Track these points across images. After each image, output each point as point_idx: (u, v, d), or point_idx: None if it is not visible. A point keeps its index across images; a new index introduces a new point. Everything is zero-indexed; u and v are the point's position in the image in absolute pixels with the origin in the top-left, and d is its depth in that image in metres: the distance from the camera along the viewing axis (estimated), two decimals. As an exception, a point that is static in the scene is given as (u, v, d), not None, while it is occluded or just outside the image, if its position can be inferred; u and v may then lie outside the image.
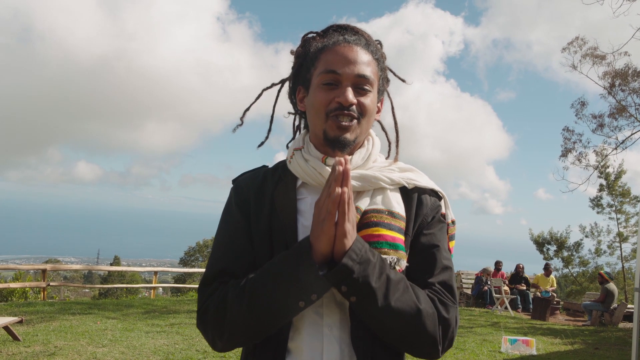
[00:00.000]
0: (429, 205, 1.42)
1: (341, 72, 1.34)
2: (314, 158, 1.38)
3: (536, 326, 11.99)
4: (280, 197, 1.39)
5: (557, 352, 8.61)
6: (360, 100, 1.35)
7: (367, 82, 1.36)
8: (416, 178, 1.43)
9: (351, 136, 1.35)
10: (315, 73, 1.38)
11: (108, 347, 7.09)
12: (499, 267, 16.41)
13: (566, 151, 19.58)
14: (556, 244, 26.35)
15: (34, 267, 14.60)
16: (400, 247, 1.31)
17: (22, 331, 7.77)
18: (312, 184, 1.38)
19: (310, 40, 1.46)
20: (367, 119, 1.38)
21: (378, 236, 1.30)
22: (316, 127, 1.38)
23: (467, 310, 14.98)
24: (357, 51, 1.36)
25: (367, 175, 1.36)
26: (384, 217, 1.32)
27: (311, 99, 1.39)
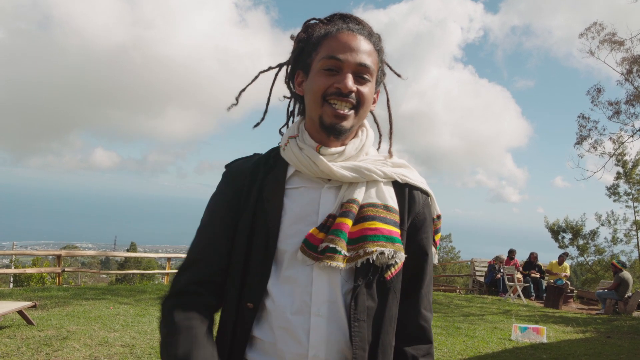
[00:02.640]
0: (421, 202, 1.45)
1: (343, 59, 1.35)
2: (308, 147, 1.39)
3: (548, 314, 11.93)
4: (270, 184, 1.40)
5: (567, 340, 8.56)
6: (359, 89, 1.36)
7: (368, 72, 1.37)
8: (408, 174, 1.46)
9: (347, 124, 1.37)
10: (317, 58, 1.39)
11: (119, 332, 7.18)
12: (512, 255, 16.31)
13: (581, 139, 19.37)
14: (571, 232, 26.13)
15: (49, 252, 14.78)
16: (397, 240, 1.34)
17: (36, 316, 7.89)
18: (306, 172, 1.39)
19: (313, 26, 1.47)
20: (364, 108, 1.39)
21: (375, 229, 1.32)
22: (312, 112, 1.39)
23: (479, 298, 14.95)
24: (359, 40, 1.37)
25: (360, 167, 1.38)
26: (379, 211, 1.35)
27: (310, 83, 1.40)
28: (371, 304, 1.33)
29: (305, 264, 1.31)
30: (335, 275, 1.32)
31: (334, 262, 1.28)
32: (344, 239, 1.30)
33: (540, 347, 7.83)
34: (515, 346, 7.85)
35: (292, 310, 1.31)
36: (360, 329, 1.29)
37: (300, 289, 1.32)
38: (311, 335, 1.29)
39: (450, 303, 13.00)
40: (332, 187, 1.39)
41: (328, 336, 1.30)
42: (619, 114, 18.94)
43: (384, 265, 1.33)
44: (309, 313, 1.30)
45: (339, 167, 1.37)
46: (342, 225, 1.31)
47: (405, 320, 1.42)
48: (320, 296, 1.31)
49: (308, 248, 1.30)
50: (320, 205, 1.37)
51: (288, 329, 1.30)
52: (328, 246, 1.28)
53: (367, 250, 1.29)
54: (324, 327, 1.30)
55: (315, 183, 1.40)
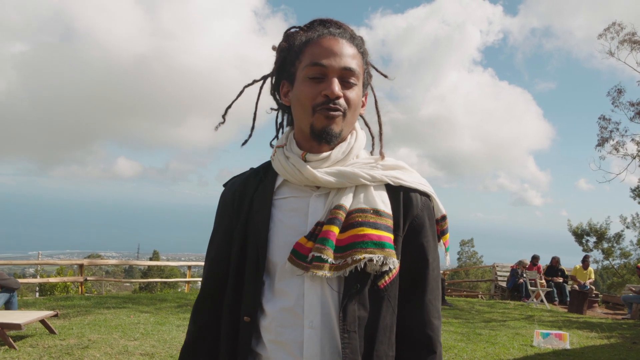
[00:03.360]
0: (419, 205, 1.39)
1: (327, 65, 1.32)
2: (294, 155, 1.37)
3: (572, 320, 11.74)
4: (259, 196, 1.40)
5: (591, 347, 8.41)
6: (346, 94, 1.33)
7: (353, 75, 1.34)
8: (401, 176, 1.39)
9: (337, 128, 1.33)
10: (300, 66, 1.36)
11: (139, 341, 7.24)
12: (536, 261, 16.05)
13: (603, 140, 19.09)
14: (596, 236, 25.72)
15: (72, 262, 14.97)
16: (388, 246, 1.28)
17: (58, 324, 7.99)
18: (292, 181, 1.37)
19: (293, 35, 1.44)
20: (352, 112, 1.36)
21: (363, 236, 1.27)
22: (302, 122, 1.36)
23: (501, 303, 14.77)
24: (342, 44, 1.35)
25: (344, 172, 1.34)
26: (368, 217, 1.30)
27: (296, 92, 1.37)
28: (363, 313, 1.28)
29: (295, 274, 1.29)
30: (326, 286, 1.29)
31: (320, 271, 1.24)
32: (330, 247, 1.26)
33: (563, 353, 7.71)
34: (537, 352, 7.73)
35: (284, 323, 1.30)
36: (350, 340, 1.25)
37: (293, 301, 1.29)
38: (305, 348, 1.27)
39: (472, 309, 12.86)
40: (321, 194, 1.36)
41: (322, 349, 1.27)
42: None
43: (377, 273, 1.29)
44: (301, 326, 1.28)
45: (323, 172, 1.33)
46: (328, 233, 1.27)
47: (409, 329, 1.35)
48: (313, 308, 1.28)
49: (297, 258, 1.28)
50: (309, 214, 1.35)
51: (281, 342, 1.30)
52: (314, 255, 1.25)
53: (354, 258, 1.25)
54: (317, 339, 1.27)
55: (303, 192, 1.38)
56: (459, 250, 56.03)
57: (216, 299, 1.43)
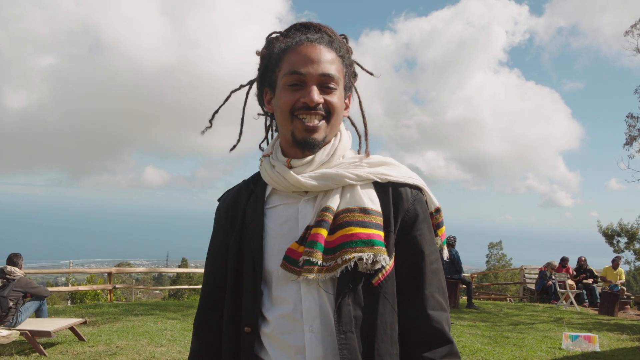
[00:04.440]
0: (410, 199, 1.37)
1: (305, 73, 1.32)
2: (279, 163, 1.38)
3: (603, 322, 11.52)
4: (251, 207, 1.41)
5: (622, 349, 8.25)
6: (327, 99, 1.34)
7: (332, 81, 1.34)
8: (389, 172, 1.38)
9: (319, 136, 1.35)
10: (280, 75, 1.37)
11: (166, 347, 7.33)
12: (565, 263, 15.79)
13: (631, 139, 18.70)
14: (627, 236, 25.19)
15: (101, 270, 15.25)
16: (378, 243, 1.27)
17: (87, 332, 8.14)
18: (280, 188, 1.38)
19: (273, 41, 1.45)
20: (335, 117, 1.36)
21: (351, 235, 1.26)
22: (284, 128, 1.38)
23: (530, 305, 14.57)
24: (320, 50, 1.35)
25: (328, 174, 1.34)
26: (356, 216, 1.29)
27: (277, 100, 1.38)
28: (359, 313, 1.27)
29: (289, 280, 1.30)
30: (322, 289, 1.29)
31: (311, 274, 1.24)
32: (319, 250, 1.26)
33: (593, 356, 7.59)
34: (566, 355, 7.62)
35: (285, 329, 1.30)
36: (348, 341, 1.24)
37: (291, 308, 1.30)
38: (307, 352, 1.27)
39: (500, 312, 12.71)
40: (309, 199, 1.37)
41: (324, 352, 1.27)
42: (670, 112, 18.23)
43: (370, 271, 1.28)
44: (302, 330, 1.28)
45: (307, 177, 1.33)
46: (316, 235, 1.27)
47: (414, 325, 1.32)
48: (311, 312, 1.28)
49: (290, 263, 1.28)
50: (299, 220, 1.35)
51: (284, 348, 1.31)
52: (304, 259, 1.26)
53: (344, 258, 1.25)
54: (318, 343, 1.27)
55: (292, 198, 1.39)
56: (488, 253, 55.39)
57: (216, 312, 1.46)
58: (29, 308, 7.50)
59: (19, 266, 7.59)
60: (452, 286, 12.89)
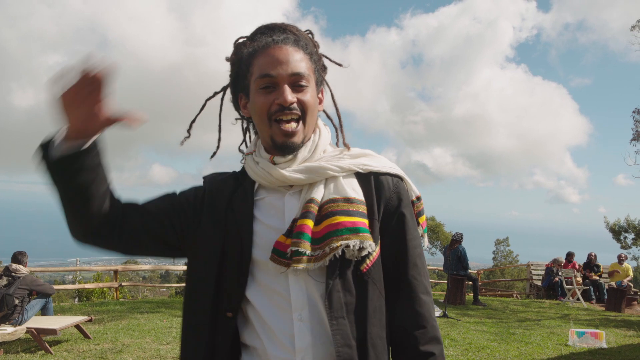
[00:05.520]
0: (391, 187, 1.42)
1: (275, 74, 1.36)
2: (263, 159, 1.42)
3: (610, 318, 11.48)
4: (239, 198, 1.43)
5: (629, 345, 8.21)
6: (300, 98, 1.37)
7: (303, 78, 1.38)
8: (369, 162, 1.43)
9: (298, 139, 1.38)
10: (252, 79, 1.40)
11: (172, 344, 7.34)
12: (571, 258, 15.74)
13: (637, 134, 18.59)
14: (634, 232, 25.08)
15: (107, 268, 15.28)
16: (363, 230, 1.31)
17: (93, 329, 8.16)
18: (265, 184, 1.42)
19: (241, 46, 1.49)
20: (310, 114, 1.40)
21: (337, 224, 1.31)
22: (263, 132, 1.41)
23: (537, 302, 14.51)
24: (287, 50, 1.38)
25: (312, 167, 1.38)
26: (340, 205, 1.33)
27: (252, 104, 1.41)
28: (350, 299, 1.31)
29: (279, 272, 1.32)
30: (309, 278, 1.32)
31: (300, 264, 1.28)
32: (307, 240, 1.29)
33: (599, 352, 7.55)
34: (572, 352, 7.59)
35: (274, 317, 1.32)
36: (340, 327, 1.28)
37: (279, 296, 1.33)
38: (296, 340, 1.30)
39: (506, 308, 12.67)
40: (294, 192, 1.41)
41: (314, 340, 1.30)
42: (677, 107, 18.09)
43: (358, 258, 1.32)
44: (291, 319, 1.31)
45: (291, 171, 1.37)
46: (303, 227, 1.31)
47: (399, 309, 1.38)
48: (299, 301, 1.32)
49: (278, 256, 1.31)
50: (285, 213, 1.39)
51: (273, 336, 1.32)
52: (292, 250, 1.29)
53: (332, 247, 1.28)
54: (307, 331, 1.30)
55: (278, 192, 1.42)
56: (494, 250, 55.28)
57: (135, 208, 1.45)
58: (35, 306, 7.52)
59: (23, 264, 7.61)
60: (458, 283, 12.86)
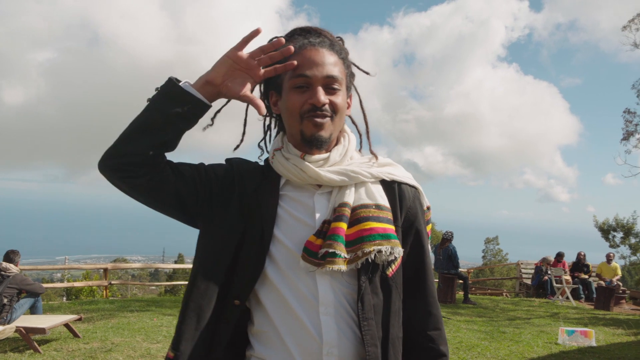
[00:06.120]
0: (411, 197, 1.52)
1: (311, 75, 1.40)
2: (293, 156, 1.45)
3: (598, 316, 11.55)
4: (264, 192, 1.46)
5: (618, 344, 8.27)
6: (332, 99, 1.42)
7: (336, 81, 1.43)
8: (394, 172, 1.52)
9: (326, 133, 1.43)
10: (286, 78, 1.45)
11: (162, 343, 7.30)
12: (560, 259, 15.83)
13: (628, 134, 18.73)
14: (622, 231, 25.27)
15: (96, 266, 15.20)
16: (393, 236, 1.40)
17: (82, 328, 8.10)
18: (295, 180, 1.45)
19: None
20: (339, 116, 1.45)
21: (370, 230, 1.38)
22: (292, 129, 1.46)
23: (526, 300, 14.58)
24: (323, 53, 1.43)
25: (347, 170, 1.44)
26: (372, 211, 1.40)
27: (285, 102, 1.45)
28: (377, 301, 1.40)
29: (308, 271, 1.37)
30: (337, 278, 1.38)
31: (335, 265, 1.33)
32: (342, 243, 1.35)
33: (589, 350, 7.59)
34: (562, 350, 7.62)
35: (302, 310, 1.37)
36: (369, 327, 1.36)
37: (305, 291, 1.37)
38: (324, 333, 1.35)
39: (496, 307, 12.72)
40: (323, 192, 1.46)
41: (339, 334, 1.36)
42: (667, 107, 18.23)
43: (385, 263, 1.40)
44: (317, 312, 1.36)
45: (325, 171, 1.42)
46: (338, 229, 1.36)
47: (416, 312, 1.49)
48: (327, 299, 1.37)
49: (308, 255, 1.35)
50: (315, 212, 1.43)
51: (300, 326, 1.36)
52: (327, 251, 1.33)
53: (365, 251, 1.35)
54: (334, 326, 1.36)
55: (306, 191, 1.46)
56: (484, 248, 55.54)
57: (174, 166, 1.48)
58: (24, 305, 7.45)
59: (15, 263, 7.54)
60: (449, 281, 12.89)
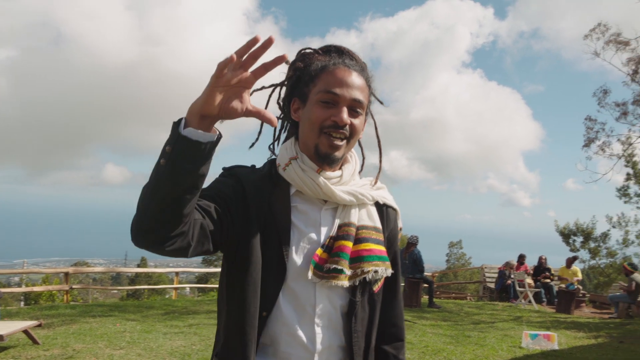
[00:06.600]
0: (393, 220, 1.65)
1: (339, 94, 1.45)
2: (310, 169, 1.49)
3: (560, 320, 11.78)
4: (278, 201, 1.49)
5: (580, 347, 8.44)
6: (353, 122, 1.47)
7: (361, 106, 1.49)
8: (385, 195, 1.63)
9: (339, 154, 1.49)
10: (314, 90, 1.49)
11: (125, 350, 7.14)
12: (522, 260, 16.14)
13: (589, 141, 19.23)
14: (582, 235, 25.83)
15: (57, 270, 14.78)
16: (386, 258, 1.52)
17: (42, 335, 7.87)
18: (308, 193, 1.49)
19: (309, 56, 1.57)
20: (354, 138, 1.51)
21: (369, 251, 1.49)
22: (309, 140, 1.49)
23: (490, 304, 14.80)
24: (354, 76, 1.49)
25: (356, 192, 1.52)
26: (372, 233, 1.52)
27: (308, 113, 1.49)
28: (364, 315, 1.52)
29: (311, 282, 1.45)
30: (335, 291, 1.48)
31: (339, 281, 1.44)
32: (346, 259, 1.45)
33: (552, 354, 7.72)
34: (526, 354, 7.74)
35: (297, 320, 1.45)
36: (358, 339, 1.49)
37: (303, 302, 1.46)
38: (317, 343, 1.45)
39: (460, 311, 12.87)
40: (328, 208, 1.53)
41: (330, 345, 1.47)
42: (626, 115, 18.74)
43: (373, 280, 1.51)
44: (312, 323, 1.45)
45: (339, 190, 1.49)
46: (344, 247, 1.46)
47: (387, 323, 1.64)
48: (322, 309, 1.47)
49: (315, 268, 1.44)
50: (321, 226, 1.50)
51: (295, 336, 1.45)
52: (335, 267, 1.43)
53: (364, 270, 1.46)
54: (326, 337, 1.47)
55: (314, 204, 1.52)
56: (448, 252, 56.20)
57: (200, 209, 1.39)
58: (-20, 310, 7.21)
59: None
60: (414, 285, 12.98)
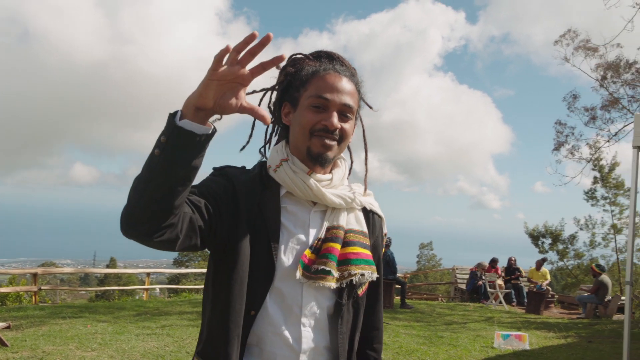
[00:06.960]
0: (378, 226, 1.68)
1: (330, 99, 1.48)
2: (301, 171, 1.50)
3: (530, 320, 11.98)
4: (268, 202, 1.50)
5: (550, 347, 8.59)
6: (343, 126, 1.50)
7: (350, 111, 1.52)
8: (372, 201, 1.66)
9: (331, 155, 1.51)
10: (305, 95, 1.51)
11: (97, 351, 7.03)
12: (495, 264, 16.37)
13: (559, 145, 19.52)
14: (551, 237, 26.29)
15: (25, 271, 14.49)
16: (372, 262, 1.54)
17: (10, 337, 7.69)
18: (299, 194, 1.50)
19: (300, 62, 1.59)
20: (345, 142, 1.54)
21: (356, 254, 1.51)
22: (299, 143, 1.51)
23: (461, 305, 14.97)
24: (344, 81, 1.52)
25: (346, 195, 1.54)
26: (359, 237, 1.54)
27: (298, 117, 1.51)
28: (349, 317, 1.55)
29: (300, 282, 1.46)
30: (322, 292, 1.49)
31: (327, 282, 1.45)
32: (334, 261, 1.46)
33: (523, 354, 7.84)
34: (498, 354, 7.85)
35: (284, 319, 1.46)
36: (343, 340, 1.52)
37: (290, 302, 1.46)
38: (302, 343, 1.46)
39: (433, 312, 12.98)
40: (317, 210, 1.54)
41: (316, 344, 1.48)
42: (594, 120, 19.08)
43: (358, 284, 1.52)
44: (299, 324, 1.46)
45: (330, 194, 1.51)
46: (332, 249, 1.48)
47: (369, 327, 1.68)
48: (309, 310, 1.48)
49: (303, 268, 1.45)
50: (309, 228, 1.52)
51: (281, 336, 1.45)
52: (323, 268, 1.45)
53: (351, 272, 1.48)
54: (311, 337, 1.48)
55: (303, 206, 1.54)
56: (418, 254, 56.66)
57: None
58: (-54, 312, 7.03)
59: None
60: (387, 287, 13.06)
